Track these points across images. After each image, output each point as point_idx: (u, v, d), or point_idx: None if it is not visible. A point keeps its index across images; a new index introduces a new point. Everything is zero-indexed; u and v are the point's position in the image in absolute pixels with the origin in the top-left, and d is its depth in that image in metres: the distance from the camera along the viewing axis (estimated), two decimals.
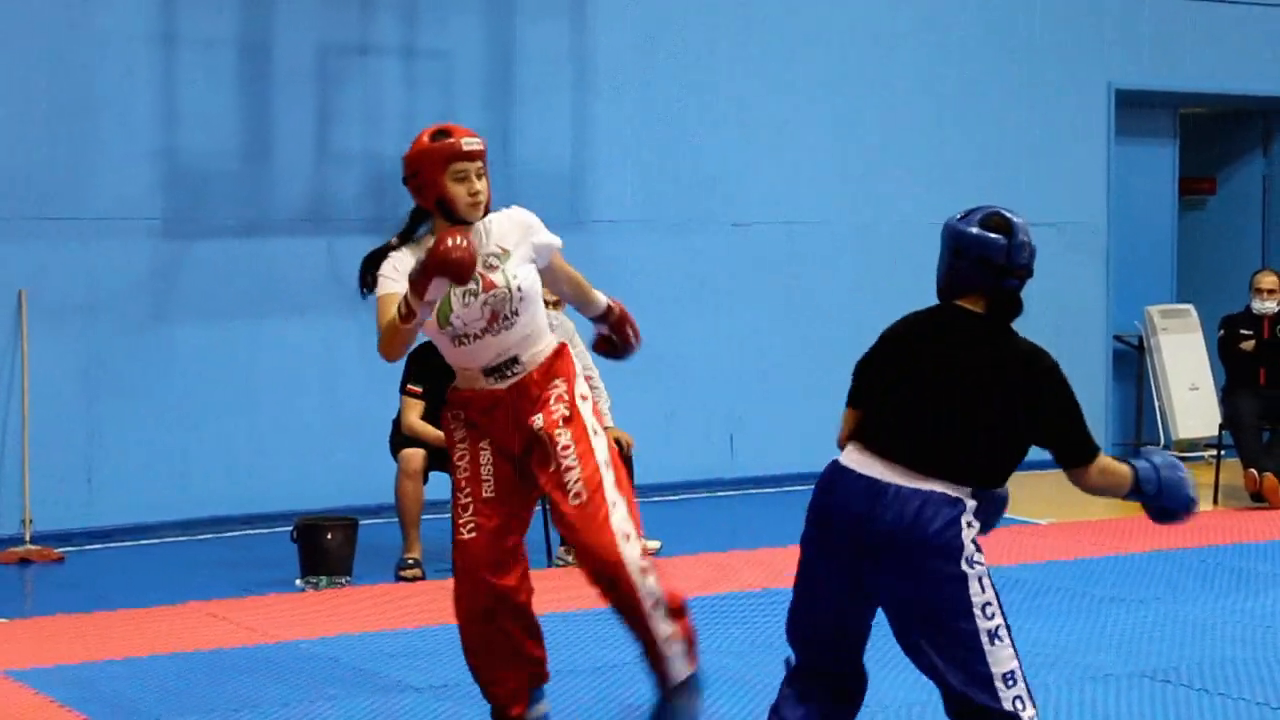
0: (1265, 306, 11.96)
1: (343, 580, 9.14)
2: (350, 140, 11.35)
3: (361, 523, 9.49)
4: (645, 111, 12.19)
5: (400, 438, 9.49)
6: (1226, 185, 15.59)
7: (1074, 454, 4.88)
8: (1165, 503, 4.95)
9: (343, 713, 6.63)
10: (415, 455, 9.31)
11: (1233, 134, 15.51)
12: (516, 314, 5.69)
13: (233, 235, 11.03)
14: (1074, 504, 11.67)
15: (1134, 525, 11.11)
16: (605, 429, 9.81)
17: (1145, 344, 14.34)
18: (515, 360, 5.74)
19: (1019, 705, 4.68)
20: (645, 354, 11.98)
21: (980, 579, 4.73)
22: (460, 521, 5.90)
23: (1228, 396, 12.13)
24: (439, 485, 9.50)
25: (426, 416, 9.39)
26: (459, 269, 5.40)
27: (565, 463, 5.72)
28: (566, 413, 5.75)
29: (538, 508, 9.89)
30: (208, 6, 10.94)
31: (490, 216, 5.84)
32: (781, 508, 11.13)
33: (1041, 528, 11.04)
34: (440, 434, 9.24)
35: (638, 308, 11.97)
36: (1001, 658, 4.69)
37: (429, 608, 8.56)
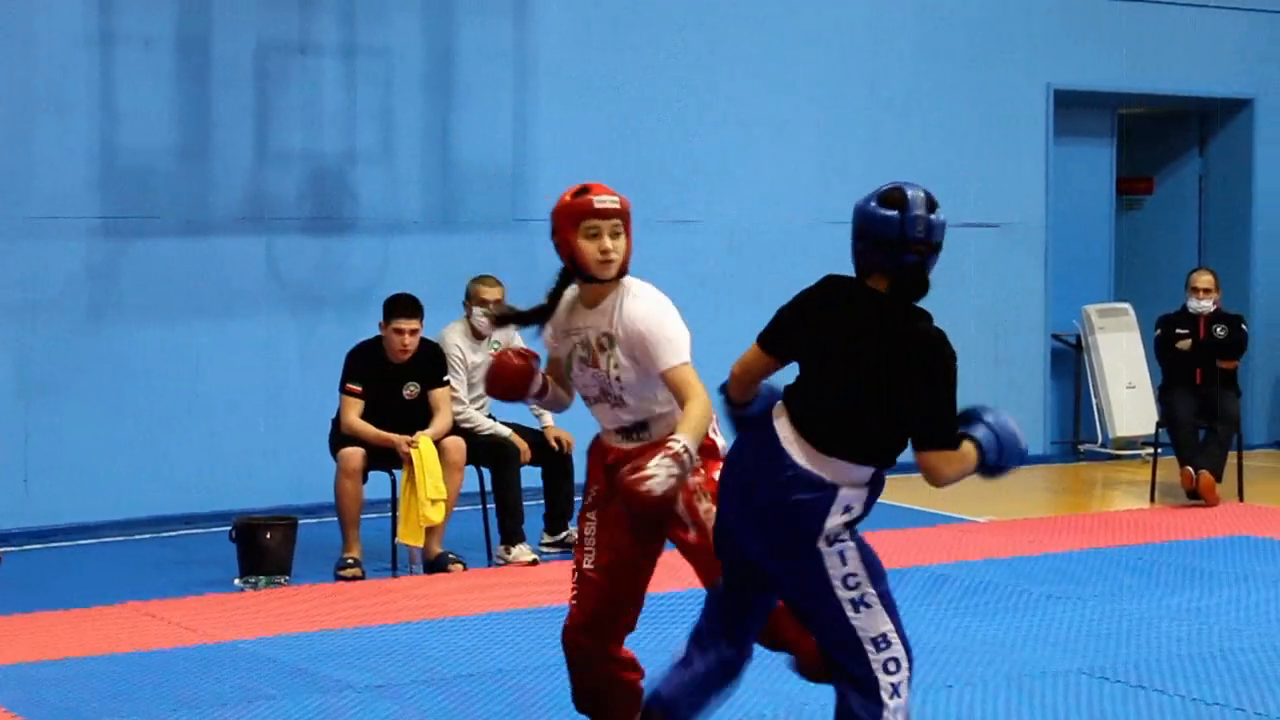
0: (1201, 306, 12.03)
1: (281, 580, 9.10)
2: (290, 139, 11.31)
3: (301, 522, 9.45)
4: (587, 109, 12.19)
5: (340, 437, 9.46)
6: (1164, 185, 15.68)
7: (930, 435, 4.79)
8: (1005, 461, 4.93)
9: (281, 713, 6.60)
10: (354, 454, 9.28)
11: (1170, 134, 15.61)
12: (622, 399, 5.55)
13: (172, 234, 10.97)
14: (1013, 502, 11.76)
15: (1072, 523, 11.17)
16: (546, 427, 9.92)
17: (1083, 343, 14.41)
18: (643, 425, 5.56)
19: (891, 668, 4.78)
20: None
21: (841, 553, 4.78)
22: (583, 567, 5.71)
23: (1164, 395, 12.20)
24: (379, 484, 9.50)
25: (366, 415, 9.37)
26: (504, 389, 5.73)
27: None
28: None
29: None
30: (145, 5, 10.89)
31: (634, 289, 5.72)
32: None
33: (980, 525, 11.09)
34: (380, 433, 9.26)
35: None
36: (870, 624, 4.77)
37: (368, 607, 8.55)
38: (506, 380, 5.70)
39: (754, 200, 12.75)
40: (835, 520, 4.78)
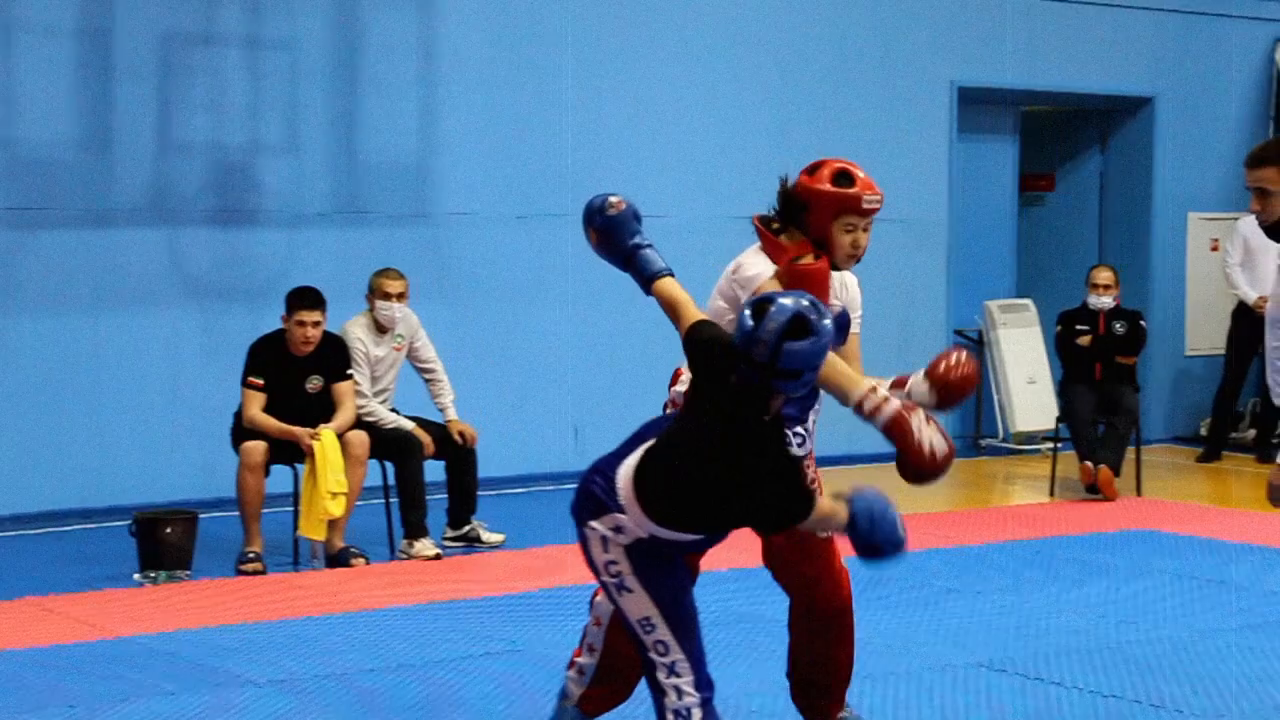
0: (1101, 302, 12.15)
1: (182, 574, 9.04)
2: (194, 131, 11.23)
3: (202, 516, 9.40)
4: (492, 103, 12.17)
5: (241, 430, 9.41)
6: (1065, 182, 15.83)
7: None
8: (878, 540, 5.00)
9: (181, 708, 6.56)
10: (256, 448, 9.24)
11: (1072, 132, 15.74)
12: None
13: (73, 226, 10.88)
14: (913, 497, 11.83)
15: (973, 517, 11.26)
16: (449, 421, 9.90)
17: (985, 338, 14.52)
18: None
19: (659, 650, 4.86)
20: (491, 346, 12.06)
21: (603, 539, 4.88)
22: None
23: (1064, 390, 12.31)
24: (281, 478, 9.47)
25: (268, 409, 9.33)
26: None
27: None
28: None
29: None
30: None
31: (844, 279, 5.75)
32: None
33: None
34: (282, 426, 9.22)
35: (483, 300, 12.08)
36: (631, 606, 4.89)
37: (270, 601, 8.51)
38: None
39: (661, 195, 12.75)
40: (603, 523, 4.89)
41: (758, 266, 5.62)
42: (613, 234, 5.22)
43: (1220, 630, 7.97)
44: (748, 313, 4.68)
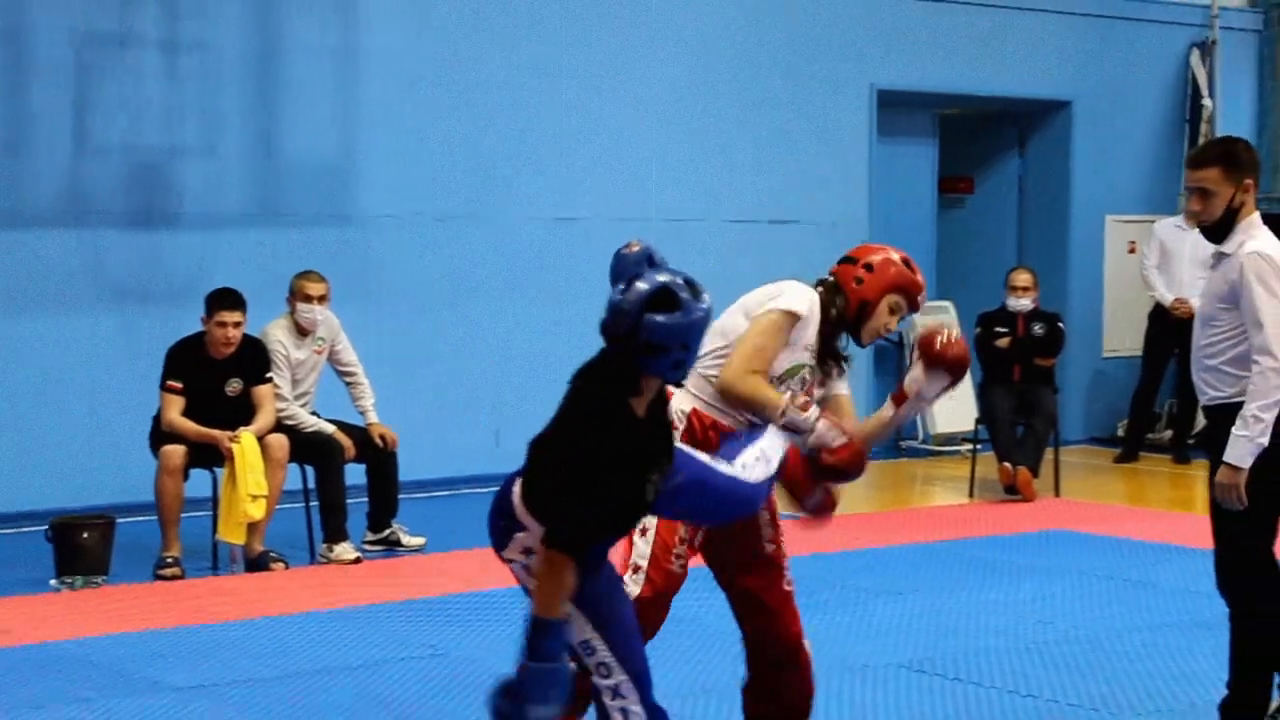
0: (1020, 304, 12.22)
1: (99, 580, 8.96)
2: (110, 132, 11.13)
3: (120, 521, 9.32)
4: (412, 107, 12.12)
5: (160, 434, 9.35)
6: (984, 185, 15.92)
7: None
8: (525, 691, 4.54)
9: (99, 714, 6.51)
10: (175, 452, 9.18)
11: (990, 135, 15.84)
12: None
13: None
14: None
15: (893, 518, 11.31)
16: (370, 424, 9.87)
17: (905, 340, 14.58)
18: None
19: (602, 673, 4.71)
20: (411, 349, 12.02)
21: (524, 566, 4.66)
22: (674, 552, 5.55)
23: (983, 392, 12.38)
24: (200, 482, 9.41)
25: (188, 412, 9.27)
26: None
27: (783, 546, 5.76)
28: None
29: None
30: None
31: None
32: None
33: (801, 520, 11.14)
34: (201, 430, 9.16)
35: (404, 303, 12.04)
36: (569, 630, 4.65)
37: (188, 606, 8.46)
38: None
39: (582, 199, 12.77)
40: (514, 552, 4.68)
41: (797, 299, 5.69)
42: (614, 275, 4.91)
43: (1137, 629, 8.04)
44: (620, 285, 4.54)
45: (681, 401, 5.49)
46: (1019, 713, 6.66)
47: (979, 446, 12.50)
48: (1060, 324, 12.32)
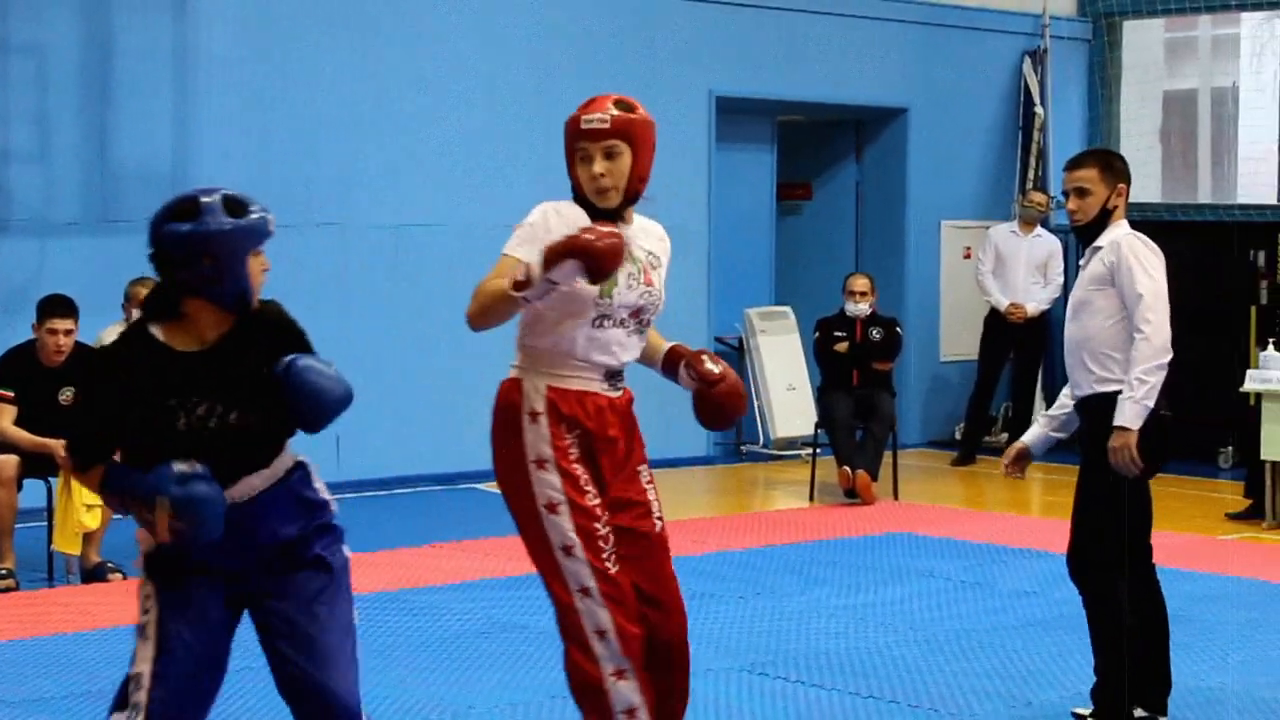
0: (858, 309, 12.32)
1: None
2: None
3: None
4: (249, 110, 12.01)
5: None
6: (822, 191, 16.05)
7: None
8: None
9: None
10: (8, 462, 9.03)
11: (827, 142, 15.97)
12: (648, 324, 5.39)
13: None
14: (675, 502, 11.91)
15: (734, 522, 11.35)
16: None
17: (745, 345, 14.66)
18: (622, 372, 5.32)
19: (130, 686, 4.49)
20: None
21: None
22: (605, 556, 5.12)
23: (823, 396, 12.47)
24: (35, 493, 9.25)
25: (20, 421, 9.12)
26: (599, 261, 4.89)
27: (659, 522, 5.45)
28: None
29: None
30: None
31: (646, 224, 5.59)
32: (387, 511, 11.09)
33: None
34: (35, 439, 9.00)
35: None
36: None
37: (23, 619, 8.31)
38: (607, 255, 4.94)
39: (417, 204, 12.70)
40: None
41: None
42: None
43: (975, 630, 8.13)
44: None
45: (528, 390, 5.18)
46: (860, 714, 6.71)
47: (819, 450, 12.58)
48: (898, 328, 12.44)
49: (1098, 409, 6.19)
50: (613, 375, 5.24)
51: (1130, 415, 6.06)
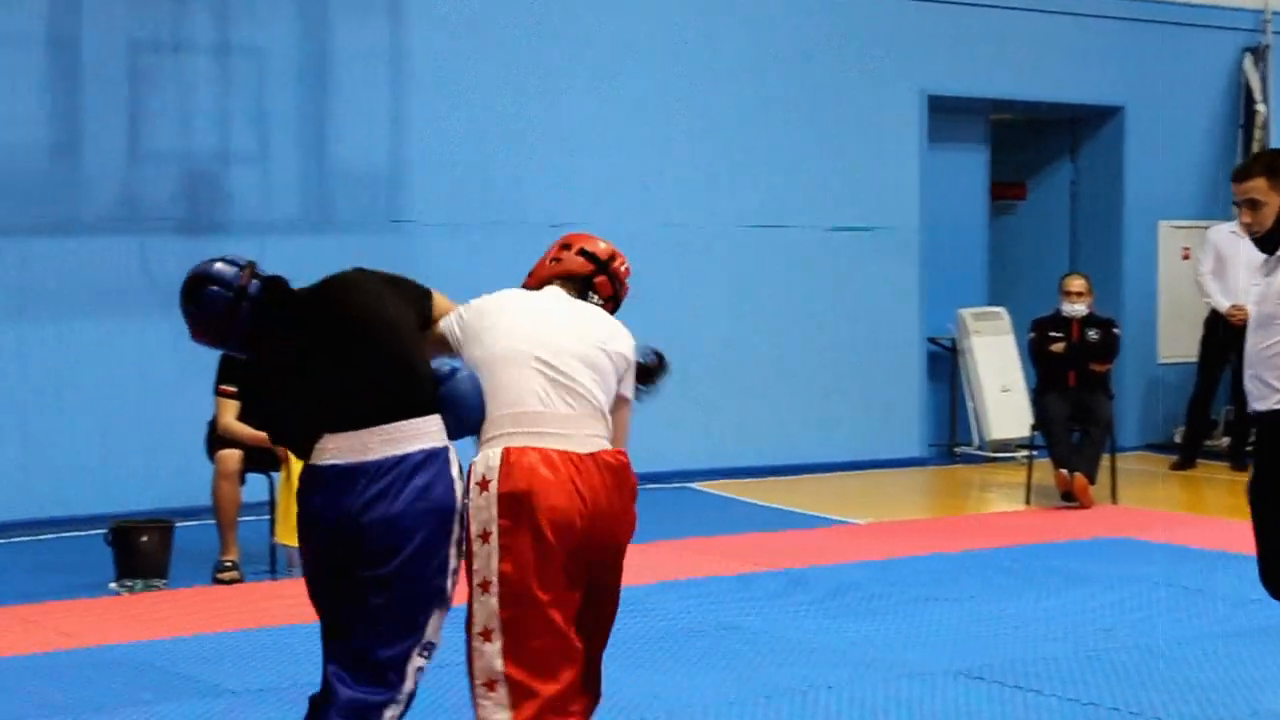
0: (1074, 309, 12.16)
1: (158, 583, 9.00)
2: (162, 139, 11.19)
3: (178, 525, 9.36)
4: (461, 112, 12.14)
5: (216, 439, 9.37)
6: (1036, 190, 15.87)
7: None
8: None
9: (156, 717, 6.52)
10: (231, 456, 9.20)
11: (1042, 141, 15.79)
12: None
13: (43, 234, 10.82)
14: (890, 505, 11.86)
15: (948, 525, 11.27)
16: None
17: (958, 346, 14.54)
18: None
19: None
20: None
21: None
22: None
23: (1039, 398, 12.32)
24: (256, 486, 9.43)
25: (241, 417, 9.29)
26: None
27: None
28: None
29: None
30: (15, 2, 10.74)
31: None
32: None
33: (857, 527, 11.15)
34: (257, 434, 9.17)
35: None
36: None
37: (246, 610, 8.47)
38: None
39: (631, 205, 12.76)
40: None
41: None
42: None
43: (1198, 638, 7.98)
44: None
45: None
46: None
47: (1035, 453, 12.44)
48: (1115, 329, 12.26)
49: (1275, 426, 5.96)
50: None
51: None
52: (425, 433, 4.80)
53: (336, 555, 4.83)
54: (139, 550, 8.99)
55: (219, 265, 5.12)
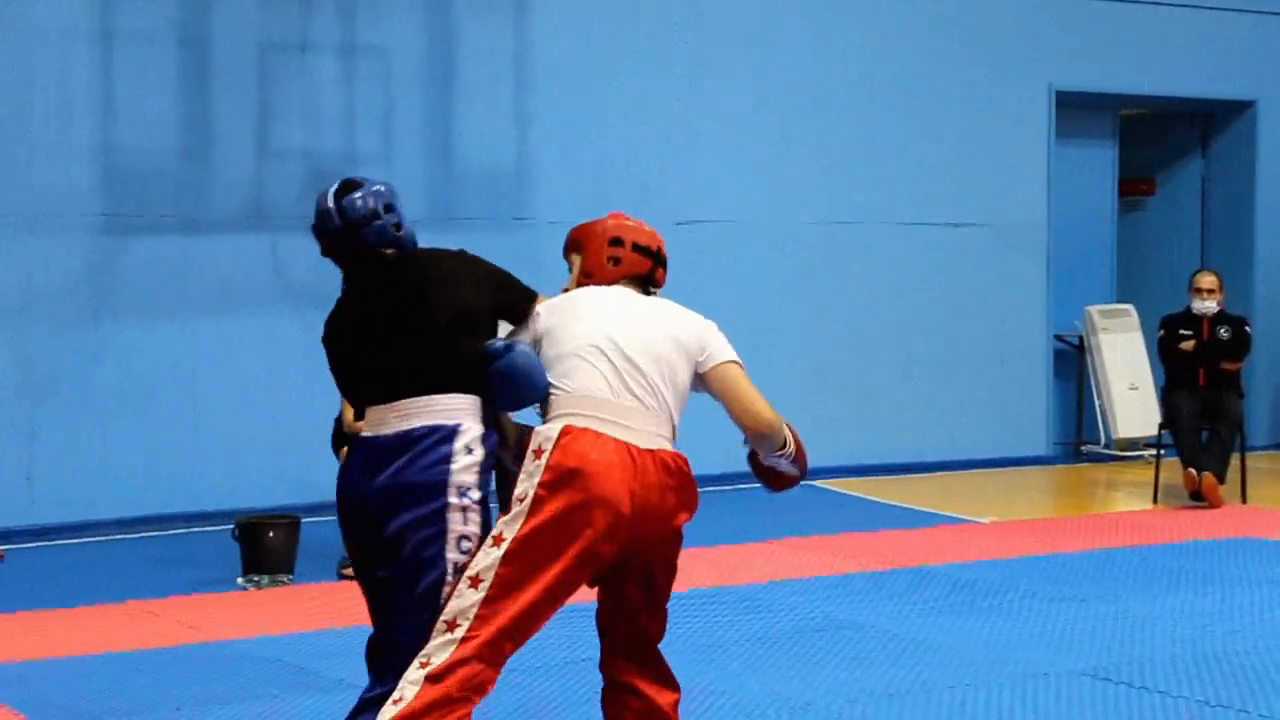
0: (1205, 306, 12.02)
1: (285, 579, 9.09)
2: (290, 137, 11.30)
3: (304, 521, 9.44)
4: (586, 110, 12.18)
5: (341, 435, 9.43)
6: (1165, 186, 15.70)
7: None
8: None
9: (285, 711, 6.59)
10: None
11: (1172, 136, 15.61)
12: None
13: (172, 232, 10.96)
14: (1015, 503, 11.77)
15: (1075, 524, 11.17)
16: None
17: (1086, 343, 14.41)
18: None
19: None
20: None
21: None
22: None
23: (1167, 396, 12.18)
24: None
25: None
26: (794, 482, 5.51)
27: None
28: None
29: None
30: (146, 3, 10.88)
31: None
32: (710, 508, 11.14)
33: (983, 526, 11.08)
34: None
35: None
36: None
37: (363, 607, 8.50)
38: None
39: (754, 200, 12.75)
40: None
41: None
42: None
43: None
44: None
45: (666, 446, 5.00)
46: None
47: (1163, 452, 12.31)
48: (1247, 327, 12.09)
49: None
50: None
51: None
52: (444, 409, 4.84)
53: (351, 531, 5.07)
54: (266, 546, 9.08)
55: (390, 198, 5.24)
